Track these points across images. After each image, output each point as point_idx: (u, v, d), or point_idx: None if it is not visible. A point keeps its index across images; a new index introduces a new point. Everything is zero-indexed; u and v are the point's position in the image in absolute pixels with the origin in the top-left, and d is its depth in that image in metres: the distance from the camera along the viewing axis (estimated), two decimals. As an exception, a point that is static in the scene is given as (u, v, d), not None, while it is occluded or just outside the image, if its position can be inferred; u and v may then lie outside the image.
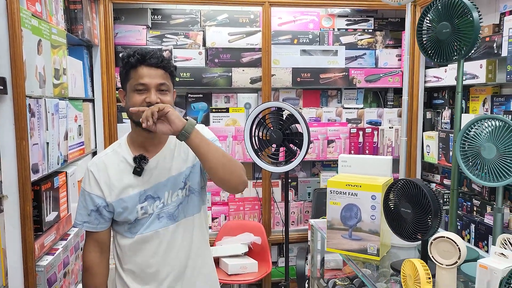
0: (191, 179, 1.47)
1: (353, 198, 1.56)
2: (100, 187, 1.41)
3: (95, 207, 1.42)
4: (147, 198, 1.43)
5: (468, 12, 1.30)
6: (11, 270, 1.39)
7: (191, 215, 1.48)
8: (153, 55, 1.37)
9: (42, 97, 1.63)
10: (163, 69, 1.38)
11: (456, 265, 1.18)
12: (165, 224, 1.44)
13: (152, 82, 1.35)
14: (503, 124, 1.24)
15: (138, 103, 1.34)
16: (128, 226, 1.45)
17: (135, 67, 1.36)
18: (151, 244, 1.44)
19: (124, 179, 1.42)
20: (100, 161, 1.45)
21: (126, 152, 1.45)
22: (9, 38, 1.31)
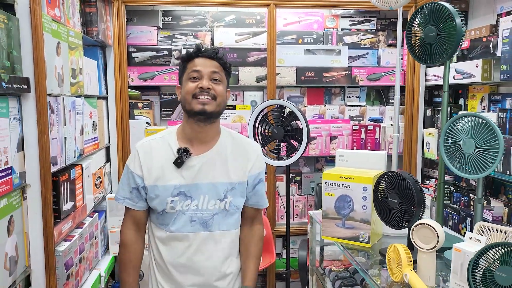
0: (234, 196, 1.48)
1: (346, 190, 1.67)
2: (141, 168, 1.45)
3: (136, 186, 1.47)
4: (179, 194, 1.44)
5: (452, 18, 1.40)
6: (33, 252, 1.52)
7: (228, 230, 1.49)
8: (209, 49, 1.46)
9: (60, 95, 1.76)
10: (217, 61, 1.45)
11: (435, 249, 1.29)
12: (197, 229, 1.45)
13: (205, 70, 1.41)
14: (481, 121, 1.34)
15: (192, 89, 1.41)
16: (156, 216, 1.49)
17: (192, 58, 1.45)
18: (180, 244, 1.46)
19: (165, 167, 1.45)
20: (147, 144, 1.49)
21: (173, 141, 1.48)
22: (32, 42, 1.44)
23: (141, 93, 2.97)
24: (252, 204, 1.57)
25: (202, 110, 1.40)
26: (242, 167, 1.50)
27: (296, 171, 3.09)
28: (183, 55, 1.49)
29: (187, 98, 1.43)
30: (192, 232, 1.46)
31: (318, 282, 2.18)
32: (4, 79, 1.24)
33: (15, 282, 1.42)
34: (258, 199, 1.57)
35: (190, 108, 1.42)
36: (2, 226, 1.32)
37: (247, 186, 1.52)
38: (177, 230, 1.46)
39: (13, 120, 1.39)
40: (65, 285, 1.78)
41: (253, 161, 1.52)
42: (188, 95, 1.42)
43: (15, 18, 1.40)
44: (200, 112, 1.41)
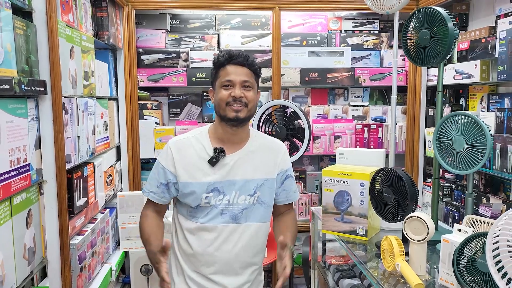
0: (262, 191, 1.57)
1: (344, 185, 1.75)
2: (174, 165, 1.53)
3: (165, 181, 1.54)
4: (213, 190, 1.52)
5: (445, 22, 1.47)
6: (50, 244, 1.62)
7: (253, 223, 1.56)
8: (239, 55, 1.51)
9: (74, 97, 1.86)
10: (248, 68, 1.51)
11: (425, 240, 1.36)
12: (227, 221, 1.53)
13: (237, 78, 1.48)
14: (470, 120, 1.41)
15: (225, 97, 1.48)
16: (189, 210, 1.56)
17: (223, 65, 1.51)
18: (209, 235, 1.53)
19: (199, 165, 1.53)
20: (181, 142, 1.57)
21: (206, 141, 1.56)
22: (48, 47, 1.54)
23: (150, 94, 3.07)
24: (282, 200, 1.66)
25: (236, 117, 1.49)
26: (270, 165, 1.60)
27: (300, 169, 3.17)
28: (215, 61, 1.56)
29: (221, 104, 1.51)
30: (221, 224, 1.53)
31: (319, 276, 2.26)
32: (23, 82, 1.34)
33: (32, 272, 1.52)
34: (287, 194, 1.66)
35: (224, 114, 1.51)
36: (21, 218, 1.42)
37: (276, 183, 1.62)
38: (207, 222, 1.53)
39: (31, 120, 1.49)
40: (78, 277, 1.87)
41: (280, 158, 1.62)
42: (222, 102, 1.50)
43: (33, 25, 1.51)
44: (233, 119, 1.50)
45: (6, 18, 1.29)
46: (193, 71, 2.99)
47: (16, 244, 1.37)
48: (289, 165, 1.66)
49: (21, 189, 1.41)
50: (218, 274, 1.55)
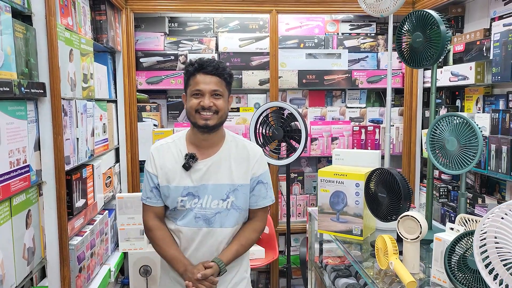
0: (237, 196, 1.60)
1: (340, 186, 1.77)
2: (156, 169, 1.61)
3: (154, 185, 1.62)
4: (188, 194, 1.58)
5: (437, 25, 1.49)
6: (49, 244, 1.64)
7: (228, 227, 1.60)
8: (209, 64, 1.55)
9: (73, 99, 1.88)
10: (218, 76, 1.55)
11: (418, 239, 1.38)
12: (200, 225, 1.58)
13: (206, 88, 1.54)
14: (462, 121, 1.43)
15: (195, 105, 1.54)
16: (169, 211, 1.64)
17: (194, 74, 1.56)
18: (185, 237, 1.60)
19: (175, 169, 1.59)
20: (161, 147, 1.64)
21: (183, 146, 1.63)
22: (48, 50, 1.57)
23: (149, 97, 3.09)
24: (252, 204, 1.67)
25: (205, 125, 1.55)
26: (244, 170, 1.63)
27: (298, 171, 3.19)
28: (186, 68, 1.60)
29: (191, 112, 1.57)
30: (195, 227, 1.59)
31: (316, 276, 2.28)
32: (23, 85, 1.36)
33: (31, 272, 1.54)
34: (257, 200, 1.66)
35: (194, 121, 1.57)
36: (21, 219, 1.44)
37: (250, 188, 1.64)
38: (183, 225, 1.60)
39: (30, 122, 1.51)
40: (77, 277, 1.89)
41: (253, 164, 1.64)
42: (192, 110, 1.56)
43: (32, 28, 1.53)
44: (203, 126, 1.55)
45: (6, 22, 1.32)
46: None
47: (15, 244, 1.39)
48: (263, 171, 1.67)
49: (21, 190, 1.43)
50: None
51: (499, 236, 0.88)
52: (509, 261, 0.88)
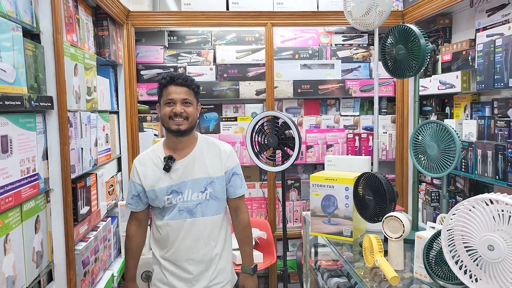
0: (214, 188, 1.85)
1: (330, 190, 1.87)
2: (140, 178, 1.85)
3: (136, 193, 1.88)
4: (172, 192, 1.82)
5: (418, 38, 1.60)
6: (56, 249, 1.73)
7: (210, 215, 1.86)
8: (180, 77, 1.80)
9: (77, 111, 1.99)
10: (187, 87, 1.80)
11: (401, 237, 1.48)
12: (184, 217, 1.84)
13: (178, 97, 1.78)
14: (441, 127, 1.53)
15: (168, 112, 1.78)
16: (159, 210, 1.88)
17: (166, 86, 1.80)
18: (172, 229, 1.84)
19: (157, 173, 1.83)
20: (142, 158, 1.90)
21: (161, 152, 1.87)
22: (55, 65, 1.67)
23: (149, 107, 3.20)
24: (231, 194, 1.92)
25: (178, 130, 1.79)
26: (218, 164, 1.87)
27: (295, 177, 3.29)
28: (160, 81, 1.84)
29: (164, 119, 1.80)
30: (180, 219, 1.83)
31: (311, 277, 2.36)
32: (33, 98, 1.47)
33: (39, 275, 1.63)
34: (235, 189, 1.92)
35: (168, 127, 1.80)
36: (30, 224, 1.54)
37: (225, 179, 1.89)
38: (170, 219, 1.84)
39: (39, 133, 1.62)
40: (82, 281, 1.98)
41: (225, 159, 1.89)
42: (165, 117, 1.80)
43: (41, 46, 1.64)
44: (176, 131, 1.79)
45: (18, 41, 1.43)
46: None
47: (26, 248, 1.49)
48: (235, 164, 1.93)
49: (30, 196, 1.52)
50: (186, 261, 1.84)
51: (463, 229, 0.97)
52: (473, 251, 0.97)
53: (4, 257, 1.33)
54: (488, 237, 0.91)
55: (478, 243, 0.93)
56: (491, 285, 0.93)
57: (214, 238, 1.89)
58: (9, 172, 1.37)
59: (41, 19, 1.65)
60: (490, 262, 0.93)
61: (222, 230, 1.93)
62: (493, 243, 0.90)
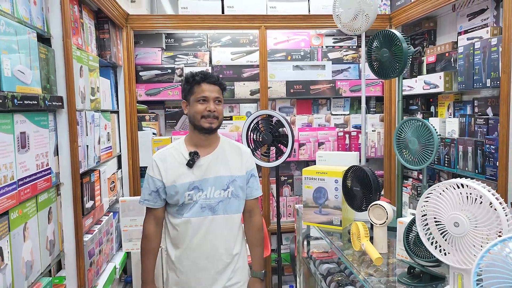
0: (235, 186, 1.86)
1: (321, 182, 2.02)
2: (160, 173, 1.84)
3: (155, 189, 1.86)
4: (194, 188, 1.83)
5: (400, 42, 1.74)
6: (66, 239, 1.85)
7: (230, 214, 1.87)
8: (212, 75, 1.83)
9: (83, 110, 2.10)
10: (218, 86, 1.84)
11: (385, 223, 1.62)
12: (206, 214, 1.84)
13: (211, 95, 1.80)
14: (421, 124, 1.68)
15: (201, 111, 1.79)
16: (176, 208, 1.86)
17: (199, 83, 1.81)
18: (193, 226, 1.83)
19: (179, 169, 1.83)
20: (162, 154, 1.89)
21: (183, 149, 1.87)
22: (65, 67, 1.80)
23: (148, 107, 3.32)
24: (248, 194, 1.94)
25: (209, 128, 1.81)
26: (238, 164, 1.89)
27: (288, 174, 3.43)
28: (190, 78, 1.84)
29: (196, 117, 1.81)
30: (202, 217, 1.83)
31: (304, 266, 2.50)
32: (46, 98, 1.59)
33: (50, 264, 1.75)
34: (252, 191, 1.95)
35: (199, 125, 1.80)
36: (44, 214, 1.66)
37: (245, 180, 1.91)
38: (191, 216, 1.84)
39: (51, 130, 1.74)
40: (88, 271, 2.10)
41: (245, 160, 1.93)
42: (197, 115, 1.80)
43: (52, 49, 1.76)
44: (208, 129, 1.81)
45: (33, 46, 1.55)
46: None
47: (41, 236, 1.61)
48: (253, 166, 1.97)
49: (44, 189, 1.64)
50: (206, 259, 1.85)
51: (435, 208, 1.11)
52: (442, 227, 1.11)
53: (24, 243, 1.45)
54: (454, 215, 1.05)
55: (447, 220, 1.07)
56: (457, 256, 1.07)
57: (234, 237, 1.89)
58: (27, 166, 1.49)
59: (52, 24, 1.77)
60: (456, 236, 1.07)
61: (240, 229, 1.95)
62: (458, 220, 1.04)
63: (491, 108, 2.42)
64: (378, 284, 1.56)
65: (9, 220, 1.36)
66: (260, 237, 2.01)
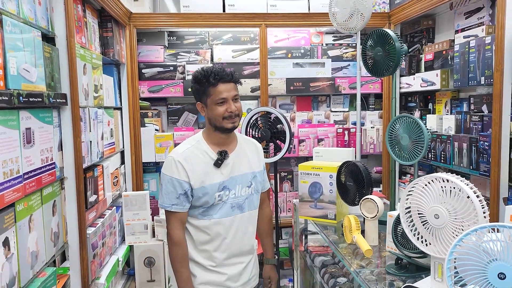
0: (256, 182, 1.87)
1: (317, 177, 2.07)
2: (187, 174, 1.73)
3: (183, 191, 1.73)
4: (224, 188, 1.77)
5: (393, 41, 1.79)
6: (70, 231, 1.92)
7: (253, 210, 1.88)
8: (226, 73, 1.72)
9: (86, 107, 2.17)
10: (234, 83, 1.75)
11: (376, 217, 1.68)
12: (236, 212, 1.80)
13: (229, 95, 1.71)
14: (411, 120, 1.73)
15: (222, 113, 1.70)
16: (202, 209, 1.78)
17: (215, 85, 1.70)
18: (224, 227, 1.78)
19: (206, 169, 1.75)
20: (185, 153, 1.76)
21: (206, 147, 1.79)
22: (68, 66, 1.86)
23: (151, 104, 3.39)
24: (262, 188, 1.97)
25: (232, 128, 1.76)
26: (257, 159, 1.91)
27: (288, 170, 3.48)
28: (204, 80, 1.72)
29: (218, 119, 1.73)
30: (232, 216, 1.80)
31: (301, 259, 2.56)
32: (51, 95, 1.66)
33: (54, 255, 1.82)
34: (265, 183, 1.99)
35: (221, 126, 1.74)
36: (48, 207, 1.73)
37: None
38: (222, 216, 1.79)
39: (55, 126, 1.81)
40: (92, 262, 2.17)
41: (261, 154, 1.96)
42: (219, 117, 1.72)
43: (56, 48, 1.82)
44: (231, 129, 1.76)
45: (38, 45, 1.61)
46: (189, 83, 3.29)
47: (45, 228, 1.68)
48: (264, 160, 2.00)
49: (49, 183, 1.71)
50: (236, 257, 1.84)
51: (418, 201, 1.16)
52: (424, 219, 1.16)
53: (29, 234, 1.52)
54: (434, 207, 1.10)
55: (428, 212, 1.13)
56: (437, 247, 1.12)
57: (253, 231, 1.91)
58: (32, 160, 1.56)
59: (56, 24, 1.84)
60: (436, 228, 1.13)
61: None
62: (438, 212, 1.10)
63: (486, 106, 2.46)
64: (370, 276, 1.62)
65: (15, 212, 1.43)
66: (270, 227, 2.06)
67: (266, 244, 2.06)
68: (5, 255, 1.34)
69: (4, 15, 1.37)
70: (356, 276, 1.55)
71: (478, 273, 0.82)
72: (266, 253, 2.06)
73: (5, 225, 1.35)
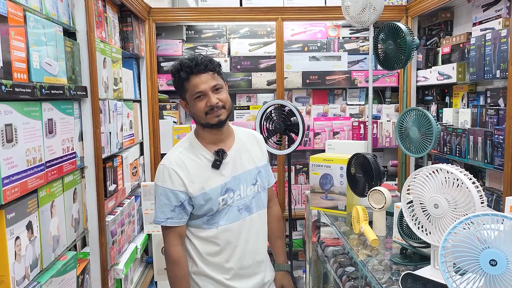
0: (261, 178, 1.66)
1: (327, 169, 2.11)
2: (183, 183, 1.52)
3: (179, 203, 1.53)
4: (227, 191, 1.56)
5: (405, 35, 1.80)
6: (90, 218, 2.02)
7: (262, 209, 1.68)
8: (198, 62, 1.49)
9: (106, 99, 2.25)
10: (210, 71, 1.51)
11: (384, 208, 1.71)
12: (244, 215, 1.60)
13: (206, 87, 1.48)
14: (421, 113, 1.74)
15: (203, 108, 1.50)
16: (207, 218, 1.57)
17: (187, 79, 1.50)
18: (233, 234, 1.58)
19: (204, 173, 1.54)
20: (178, 160, 1.56)
21: (201, 149, 1.58)
22: (88, 59, 1.94)
23: (169, 97, 3.47)
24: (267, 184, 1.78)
25: (219, 121, 1.54)
26: (260, 152, 1.71)
27: (303, 162, 3.52)
28: (176, 75, 1.55)
29: (200, 115, 1.54)
30: (240, 220, 1.60)
31: (313, 250, 2.61)
32: (72, 88, 1.74)
33: (75, 240, 1.91)
34: (269, 177, 1.78)
35: (206, 122, 1.54)
36: (70, 194, 1.82)
37: None
38: (229, 222, 1.58)
39: (76, 117, 1.89)
40: (111, 249, 2.26)
41: (263, 146, 1.76)
42: (200, 113, 1.53)
43: (77, 43, 1.91)
44: (217, 124, 1.55)
45: (60, 39, 1.70)
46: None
47: (66, 214, 1.77)
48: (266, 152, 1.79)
49: (70, 171, 1.80)
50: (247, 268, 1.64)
51: (420, 191, 1.19)
52: (425, 209, 1.19)
53: (51, 219, 1.62)
54: (434, 197, 1.13)
55: (428, 202, 1.16)
56: (437, 236, 1.15)
57: (265, 232, 1.71)
58: (54, 149, 1.64)
59: (77, 19, 1.92)
60: (436, 217, 1.15)
61: None
62: (437, 202, 1.12)
63: (502, 99, 2.44)
64: (377, 266, 1.66)
65: (38, 197, 1.52)
66: (281, 228, 1.84)
67: (277, 248, 1.82)
68: (28, 238, 1.43)
69: (27, 11, 1.45)
70: (361, 265, 1.59)
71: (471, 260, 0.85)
72: (278, 258, 1.82)
73: (29, 209, 1.44)
